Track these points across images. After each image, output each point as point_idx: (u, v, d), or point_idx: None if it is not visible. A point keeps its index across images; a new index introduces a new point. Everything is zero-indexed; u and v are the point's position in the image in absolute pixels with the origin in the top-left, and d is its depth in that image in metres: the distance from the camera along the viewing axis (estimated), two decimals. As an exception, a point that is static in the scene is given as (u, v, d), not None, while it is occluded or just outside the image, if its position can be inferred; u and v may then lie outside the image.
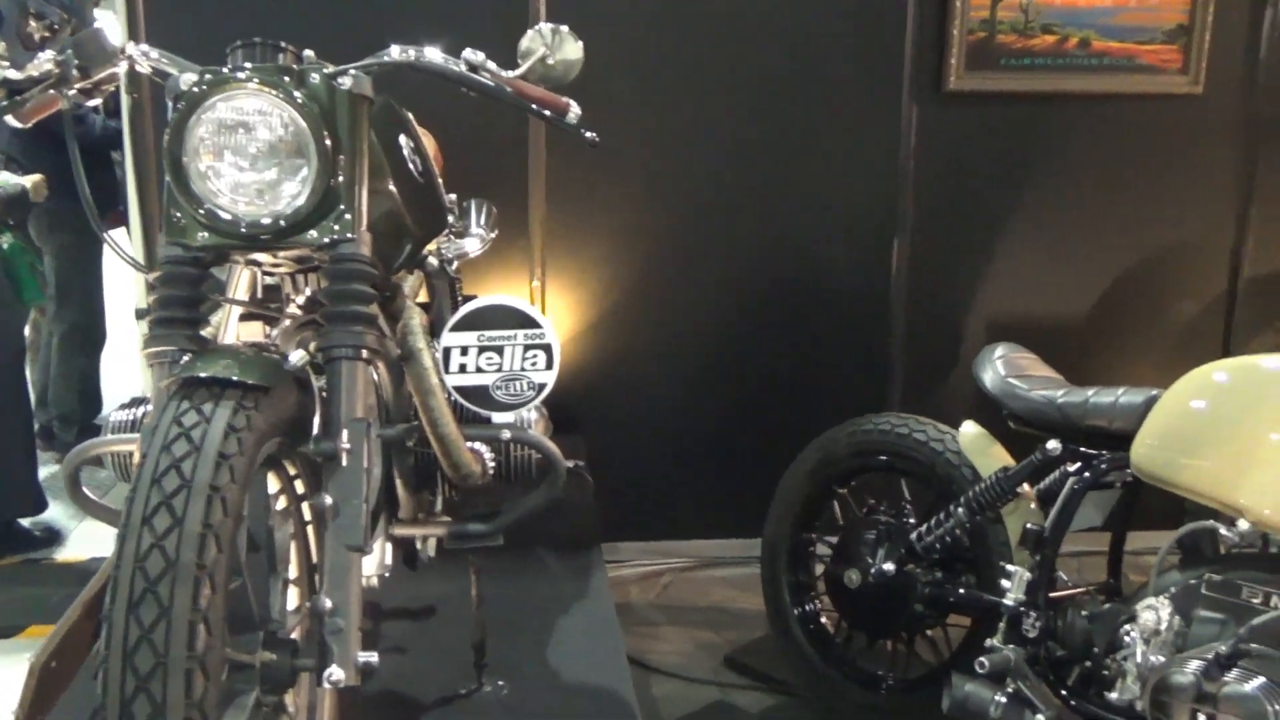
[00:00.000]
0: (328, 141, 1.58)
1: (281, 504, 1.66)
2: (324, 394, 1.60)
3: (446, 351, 1.94)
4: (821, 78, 3.53)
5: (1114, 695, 2.27)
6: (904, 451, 2.75)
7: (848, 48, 3.52)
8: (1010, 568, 2.49)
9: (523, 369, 1.95)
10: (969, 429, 2.70)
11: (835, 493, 2.94)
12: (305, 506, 1.67)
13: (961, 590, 2.64)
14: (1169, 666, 2.09)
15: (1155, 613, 2.20)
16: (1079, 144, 3.64)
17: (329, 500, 1.53)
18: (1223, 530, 2.18)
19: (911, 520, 2.78)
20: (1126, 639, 2.26)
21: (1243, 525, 2.15)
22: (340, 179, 1.60)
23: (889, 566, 2.70)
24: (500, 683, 2.24)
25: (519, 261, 3.54)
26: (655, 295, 3.61)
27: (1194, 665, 2.05)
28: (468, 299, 2.19)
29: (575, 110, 1.81)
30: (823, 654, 2.92)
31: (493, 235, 2.77)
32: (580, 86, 1.83)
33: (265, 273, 1.85)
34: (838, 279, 3.65)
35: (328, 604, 1.49)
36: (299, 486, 1.67)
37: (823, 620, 2.98)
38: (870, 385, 3.64)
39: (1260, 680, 1.99)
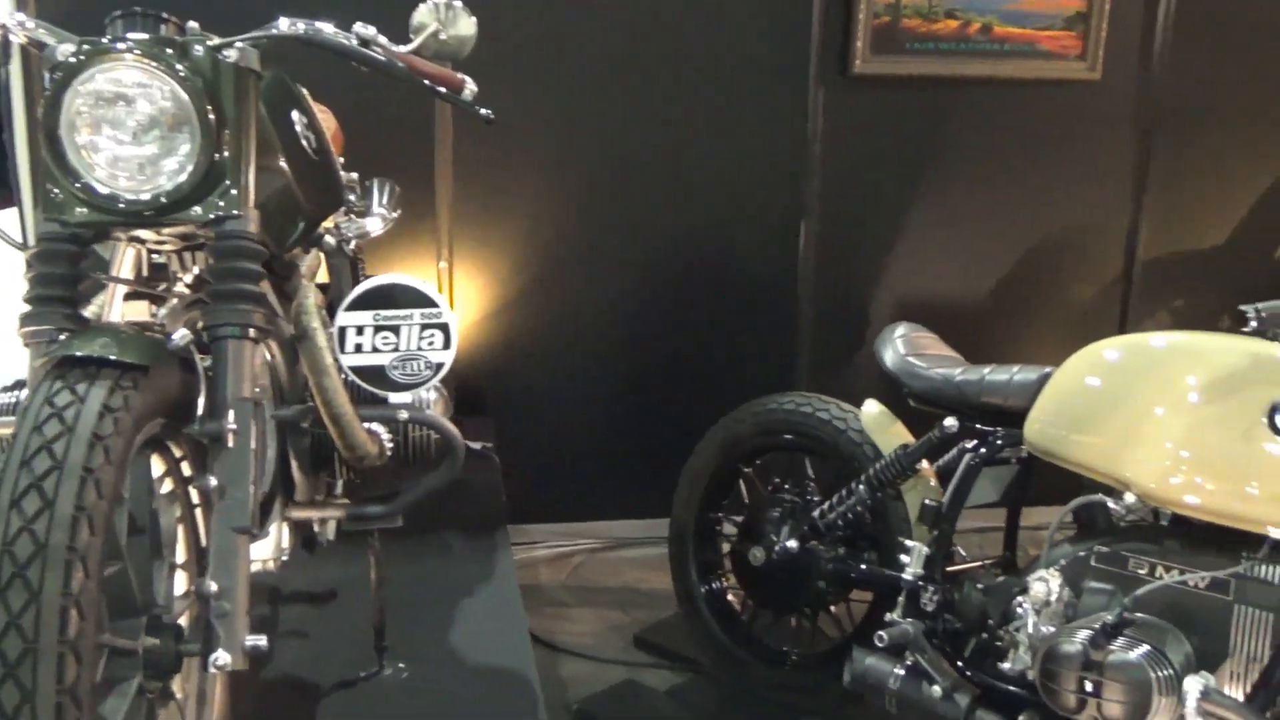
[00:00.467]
0: (211, 116, 1.54)
1: (167, 487, 1.62)
2: (210, 374, 1.57)
3: (341, 331, 1.91)
4: (729, 61, 3.54)
5: (1007, 665, 2.32)
6: (807, 430, 2.78)
7: (754, 31, 3.53)
8: (909, 543, 2.54)
9: (420, 349, 1.93)
10: (871, 408, 2.74)
11: (741, 472, 2.97)
12: (193, 489, 1.64)
13: (863, 566, 2.68)
14: (1058, 636, 2.15)
15: (1046, 584, 2.26)
16: (981, 127, 3.70)
17: (214, 482, 1.50)
18: (1111, 503, 2.24)
19: (815, 498, 2.82)
20: (1019, 610, 2.31)
21: (1129, 498, 2.21)
22: (225, 154, 1.56)
23: (793, 544, 2.73)
24: (401, 665, 2.22)
25: (426, 242, 3.50)
26: (564, 277, 3.60)
27: (1082, 635, 2.10)
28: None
29: (471, 87, 1.79)
30: (729, 631, 2.95)
31: (395, 215, 2.73)
32: (486, 66, 1.81)
33: (151, 250, 1.80)
34: (745, 260, 3.68)
35: (213, 587, 1.46)
36: (186, 469, 1.63)
37: (729, 598, 3.01)
38: (778, 365, 3.68)
39: (1144, 648, 2.06)
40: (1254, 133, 3.91)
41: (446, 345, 1.94)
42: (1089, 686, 2.06)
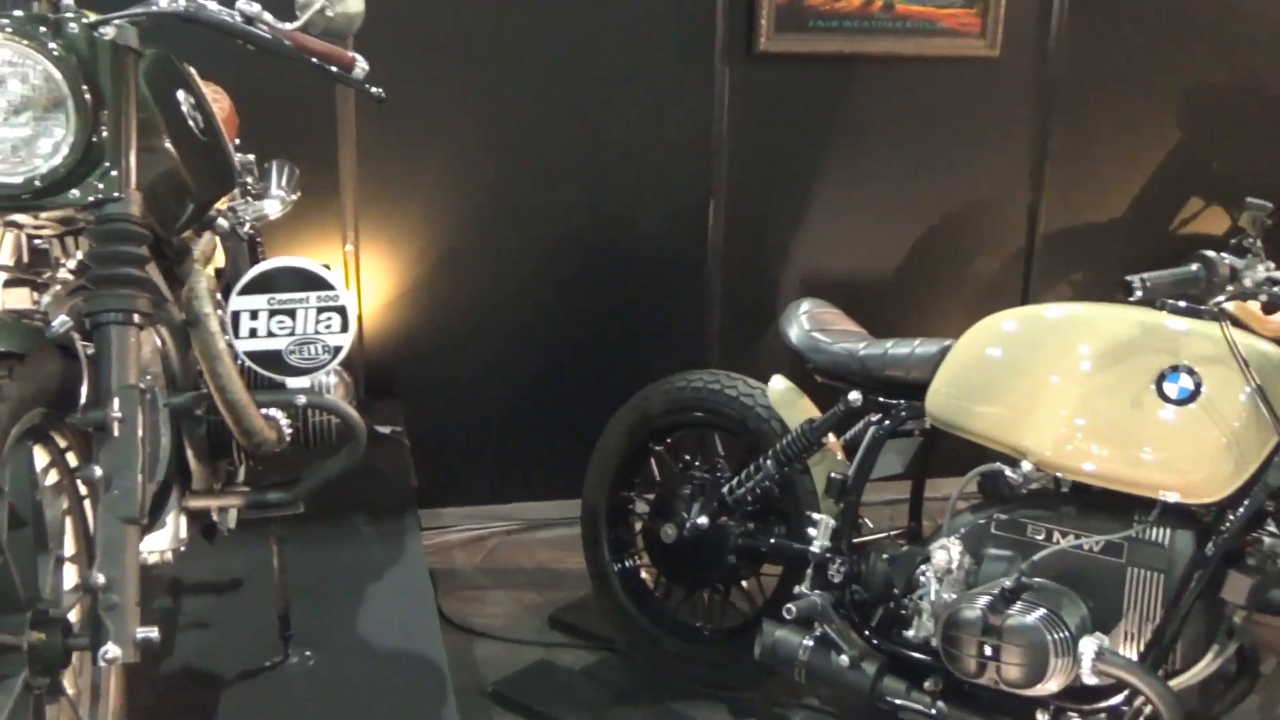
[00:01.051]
0: (88, 96, 1.50)
1: (53, 478, 1.58)
2: (93, 361, 1.52)
3: (235, 315, 1.87)
4: (635, 40, 3.53)
5: (911, 633, 2.37)
6: (716, 407, 2.79)
7: (660, 9, 3.53)
8: (816, 516, 2.57)
9: (317, 332, 1.90)
10: (777, 384, 2.76)
11: (652, 450, 2.97)
12: (80, 480, 1.60)
13: (772, 540, 2.71)
14: (959, 603, 2.20)
15: (947, 553, 2.30)
16: (885, 104, 3.74)
17: (99, 472, 1.46)
18: (1009, 472, 2.28)
19: (726, 475, 2.84)
20: (922, 579, 2.35)
21: (1026, 467, 2.27)
22: (104, 135, 1.52)
23: (703, 520, 2.74)
24: (308, 653, 2.19)
25: (331, 225, 3.45)
26: (473, 258, 3.57)
27: (981, 600, 2.15)
28: (268, 263, 2.11)
29: (362, 65, 1.77)
30: (642, 609, 2.96)
31: (295, 197, 2.68)
32: (388, 44, 1.78)
33: (31, 236, 1.75)
34: (655, 239, 3.68)
35: (101, 579, 1.42)
36: (72, 459, 1.59)
37: (643, 576, 3.02)
38: (689, 344, 3.69)
39: (1041, 611, 2.11)
40: (1149, 108, 4.00)
41: (345, 328, 1.91)
42: (988, 651, 2.11)
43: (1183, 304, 2.13)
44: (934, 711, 2.33)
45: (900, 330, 2.65)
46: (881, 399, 2.55)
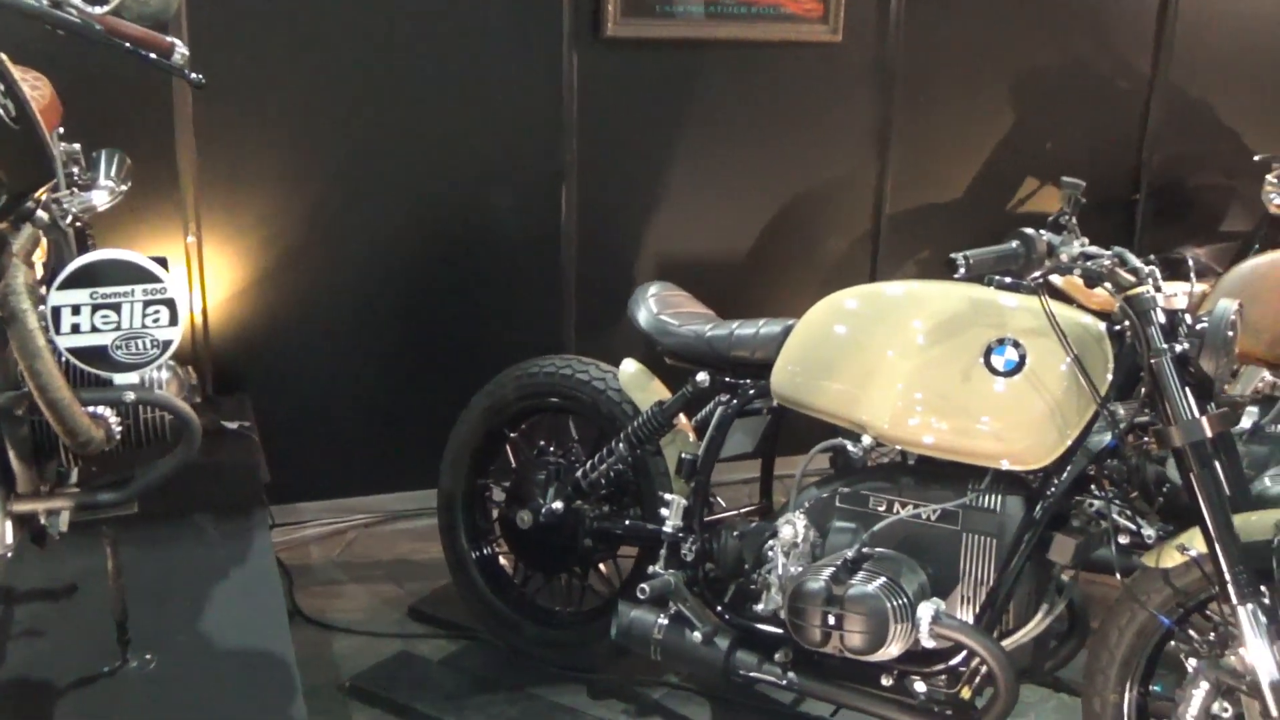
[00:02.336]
0: (-122, 82, 1.42)
1: None
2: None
3: (55, 311, 1.80)
4: (483, 24, 3.49)
5: (761, 607, 2.42)
6: (568, 392, 2.80)
7: (507, -6, 3.51)
8: (669, 497, 2.60)
9: (145, 326, 1.84)
10: (629, 366, 2.79)
11: (507, 437, 2.97)
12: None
13: (626, 522, 2.74)
14: (804, 575, 2.25)
15: (793, 527, 2.36)
16: (732, 89, 3.79)
17: (-98, 477, 1.40)
18: (850, 446, 2.35)
19: (581, 459, 2.85)
20: (770, 554, 2.41)
21: (866, 441, 2.34)
22: (-102, 123, 1.44)
23: (558, 505, 2.76)
24: (148, 656, 2.13)
25: (171, 216, 3.33)
26: (322, 247, 3.50)
27: (825, 572, 2.21)
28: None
29: (181, 50, 1.72)
30: (502, 595, 2.96)
31: (125, 187, 2.58)
32: (223, 27, 1.73)
33: None
34: (508, 225, 3.67)
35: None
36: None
37: (501, 563, 3.02)
38: (545, 329, 3.69)
39: (881, 580, 2.18)
40: (986, 92, 4.15)
41: (174, 321, 1.85)
42: (831, 620, 2.17)
43: (1009, 280, 2.22)
44: (785, 682, 2.40)
45: (753, 312, 2.70)
46: (728, 379, 2.59)
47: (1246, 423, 2.74)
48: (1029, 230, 2.04)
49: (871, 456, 2.40)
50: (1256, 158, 3.78)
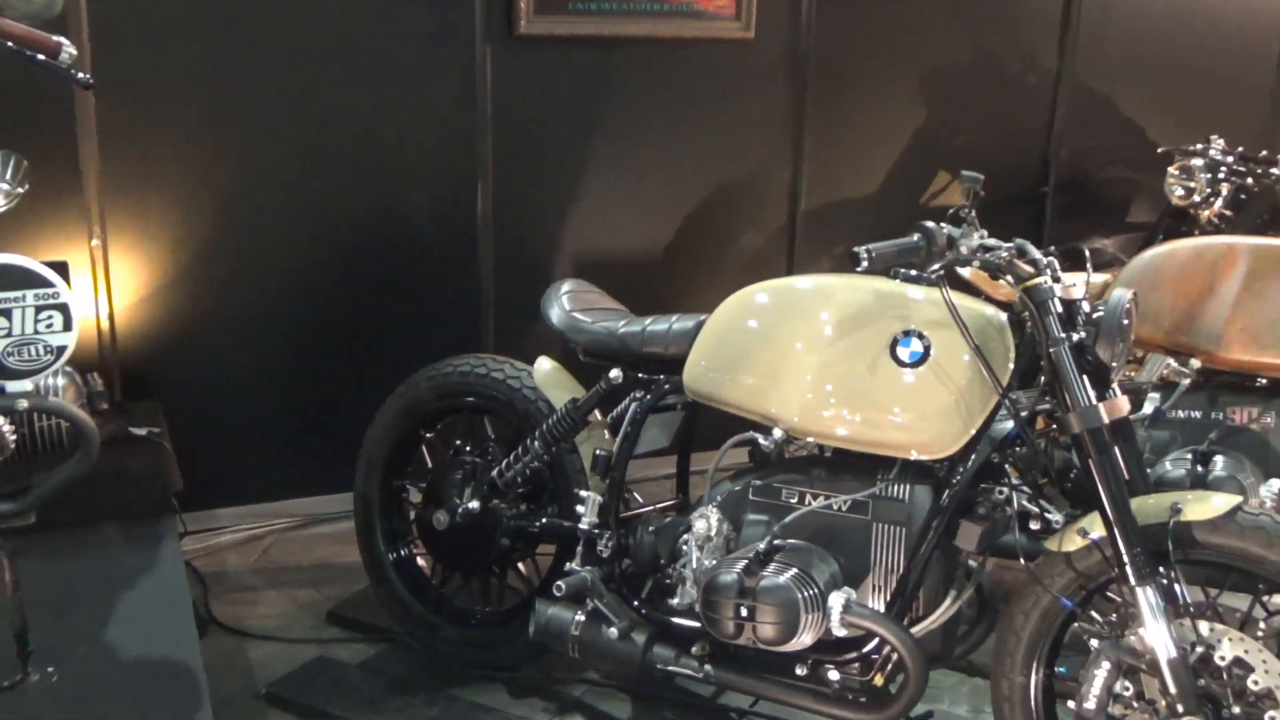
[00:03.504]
0: None
1: None
2: None
3: (-58, 318, 1.76)
4: (394, 22, 3.46)
5: (676, 601, 2.44)
6: (483, 391, 2.79)
7: (418, -8, 3.48)
8: (584, 494, 2.60)
9: (37, 332, 1.80)
10: (543, 364, 2.78)
11: (423, 438, 2.95)
12: None
13: (543, 520, 2.73)
14: (717, 568, 2.27)
15: (706, 521, 2.38)
16: (646, 86, 3.80)
17: None
18: (761, 440, 2.37)
19: (497, 458, 2.84)
20: (685, 548, 2.42)
21: (777, 434, 2.36)
22: None
23: (474, 505, 2.74)
24: (50, 669, 2.08)
25: (74, 219, 3.25)
26: (233, 249, 3.44)
27: (737, 565, 2.23)
28: None
29: (69, 50, 1.69)
30: (420, 597, 2.94)
31: (21, 190, 2.51)
32: (124, 24, 1.69)
33: None
34: (422, 223, 3.64)
35: None
36: None
37: (419, 564, 3.00)
38: (462, 328, 3.67)
39: (792, 571, 2.20)
40: (898, 88, 4.21)
41: (68, 327, 1.82)
42: (744, 612, 2.19)
43: (913, 272, 2.25)
44: (702, 675, 2.41)
45: (669, 308, 2.70)
46: (642, 375, 2.60)
47: (1148, 409, 2.82)
48: (929, 223, 2.07)
49: (788, 450, 2.42)
50: (1160, 150, 3.88)
